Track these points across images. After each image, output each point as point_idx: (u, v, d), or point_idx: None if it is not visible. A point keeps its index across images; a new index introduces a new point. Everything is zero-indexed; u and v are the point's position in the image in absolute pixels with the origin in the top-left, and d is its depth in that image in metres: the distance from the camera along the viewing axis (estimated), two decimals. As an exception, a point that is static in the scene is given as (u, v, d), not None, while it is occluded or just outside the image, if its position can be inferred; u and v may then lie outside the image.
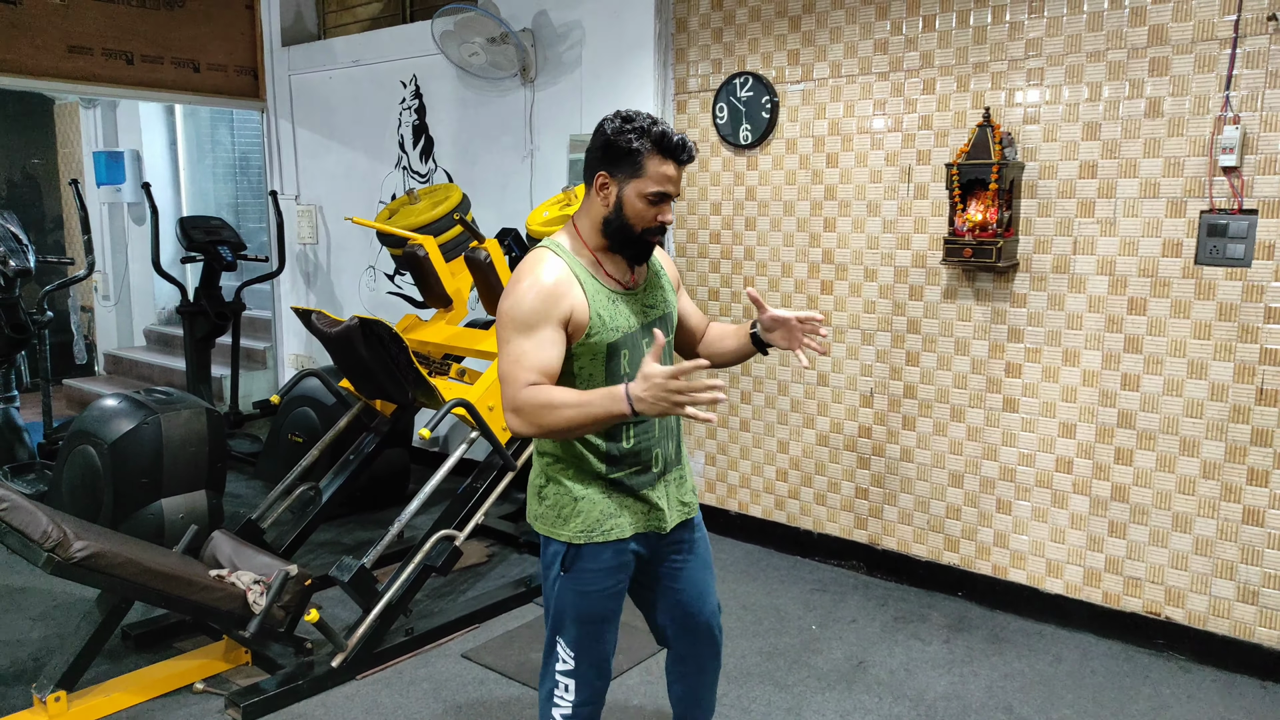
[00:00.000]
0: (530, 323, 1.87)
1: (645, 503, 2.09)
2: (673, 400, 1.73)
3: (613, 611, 2.13)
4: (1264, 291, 3.06)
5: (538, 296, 1.88)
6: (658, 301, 2.08)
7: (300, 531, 3.73)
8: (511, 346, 1.88)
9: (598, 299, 1.95)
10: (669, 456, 2.13)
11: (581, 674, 2.13)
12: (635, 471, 2.06)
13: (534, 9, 4.71)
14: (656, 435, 2.07)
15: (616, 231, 1.96)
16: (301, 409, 4.87)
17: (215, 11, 5.99)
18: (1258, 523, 3.15)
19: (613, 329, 1.95)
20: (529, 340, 1.87)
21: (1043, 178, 3.44)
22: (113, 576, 2.72)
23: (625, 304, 2.00)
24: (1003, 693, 3.11)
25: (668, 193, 1.94)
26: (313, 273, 6.24)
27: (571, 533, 2.05)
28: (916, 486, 3.88)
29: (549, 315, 1.87)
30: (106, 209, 7.74)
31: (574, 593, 2.08)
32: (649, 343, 2.04)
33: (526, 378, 1.85)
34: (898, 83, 3.73)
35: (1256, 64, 3.00)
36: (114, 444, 3.72)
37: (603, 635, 2.14)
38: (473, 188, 4.97)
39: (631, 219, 1.94)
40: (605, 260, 2.01)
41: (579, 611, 2.09)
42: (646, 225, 1.95)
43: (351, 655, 3.14)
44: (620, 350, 1.97)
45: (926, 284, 3.75)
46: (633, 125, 1.91)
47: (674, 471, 2.16)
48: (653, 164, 1.91)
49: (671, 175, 1.93)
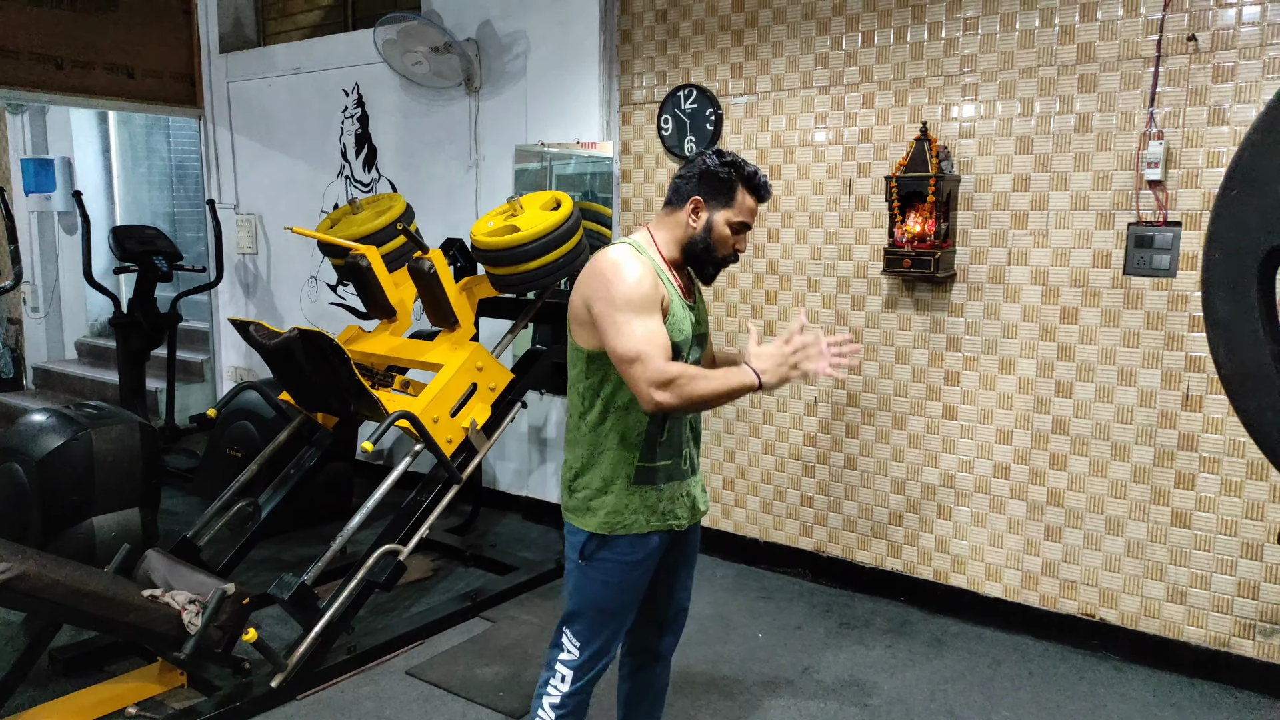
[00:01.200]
0: (644, 305, 2.01)
1: (669, 499, 2.18)
2: (791, 363, 1.97)
3: (626, 606, 2.21)
4: (1188, 301, 3.17)
5: (648, 283, 2.03)
6: (703, 319, 2.28)
7: (238, 549, 3.65)
8: (634, 327, 1.98)
9: (674, 300, 2.13)
10: (693, 459, 2.27)
11: (582, 667, 2.20)
12: (669, 466, 2.17)
13: (478, 19, 4.70)
14: (688, 435, 2.22)
15: (701, 251, 2.15)
16: (240, 423, 4.76)
17: (150, 17, 5.85)
18: (1185, 525, 3.25)
19: (679, 331, 2.11)
20: (649, 320, 2.00)
21: (978, 190, 3.53)
22: (39, 599, 2.62)
23: (689, 313, 2.18)
24: (945, 696, 3.16)
25: (749, 224, 2.17)
26: (252, 283, 6.12)
27: (596, 523, 2.14)
28: (860, 494, 3.93)
29: (655, 300, 2.03)
30: (36, 218, 7.50)
31: (593, 582, 2.17)
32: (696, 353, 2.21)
33: (660, 354, 1.97)
34: (838, 96, 3.80)
35: (1178, 82, 3.12)
36: (41, 461, 3.59)
37: (614, 628, 2.21)
38: (417, 198, 4.92)
39: (716, 242, 2.15)
40: (674, 271, 2.18)
41: (595, 601, 2.18)
42: (726, 250, 2.16)
43: (292, 675, 3.07)
44: (681, 353, 2.12)
45: (868, 294, 3.82)
46: (729, 162, 2.14)
47: (695, 475, 2.29)
48: (742, 197, 2.14)
49: (754, 209, 2.17)
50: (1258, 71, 2.99)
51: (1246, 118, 3.02)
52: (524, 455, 4.94)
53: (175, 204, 7.99)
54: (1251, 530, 3.14)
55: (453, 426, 3.43)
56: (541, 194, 3.79)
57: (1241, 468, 3.13)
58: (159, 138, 7.88)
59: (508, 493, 5.02)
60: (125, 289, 6.71)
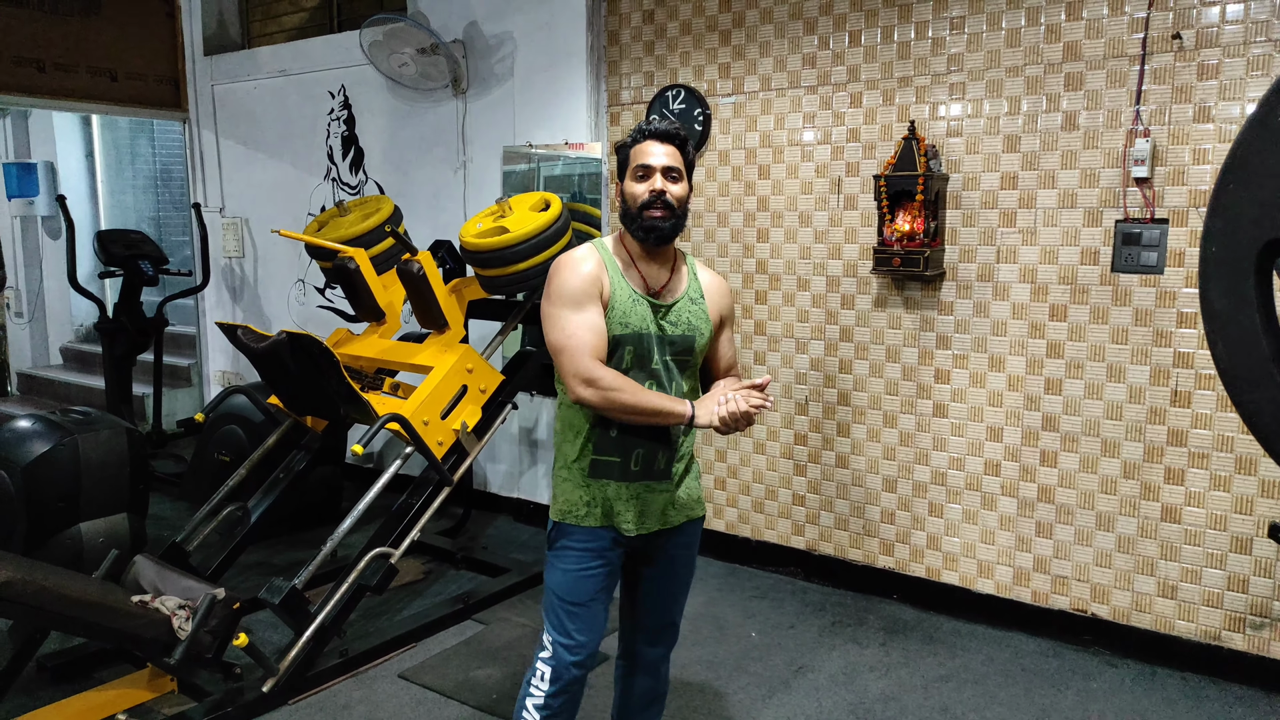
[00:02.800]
0: (576, 299, 2.06)
1: (615, 497, 2.16)
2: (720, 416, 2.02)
3: (589, 597, 2.18)
4: (1175, 297, 3.19)
5: (583, 277, 2.08)
6: (680, 322, 2.17)
7: (228, 553, 3.62)
8: (565, 320, 2.07)
9: (619, 293, 2.11)
10: (657, 466, 2.17)
11: (556, 660, 2.18)
12: (612, 463, 2.14)
13: (465, 20, 4.68)
14: (644, 437, 2.15)
15: (626, 220, 2.14)
16: (228, 427, 4.73)
17: (134, 20, 5.81)
18: (1175, 520, 3.27)
19: (622, 324, 2.09)
20: (581, 314, 2.06)
21: (966, 189, 3.54)
22: (26, 606, 2.59)
23: (644, 308, 2.13)
24: (939, 693, 3.16)
25: (648, 164, 2.10)
26: (239, 287, 6.08)
27: (556, 510, 2.20)
28: (851, 492, 3.94)
29: (591, 293, 2.07)
30: (19, 223, 7.44)
31: (555, 570, 2.20)
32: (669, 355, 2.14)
33: (588, 351, 2.04)
34: (826, 96, 3.80)
35: (1164, 80, 3.14)
36: (27, 467, 3.56)
37: (580, 623, 2.18)
38: (405, 200, 4.90)
39: (629, 200, 2.13)
40: (641, 264, 2.16)
41: (560, 589, 2.19)
42: (640, 201, 2.10)
43: (283, 679, 3.05)
44: (624, 345, 2.10)
45: (858, 293, 3.82)
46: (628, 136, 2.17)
47: (659, 483, 2.19)
48: (634, 151, 2.14)
49: (651, 150, 2.11)
50: (1242, 69, 3.01)
51: (1232, 115, 3.04)
52: (515, 457, 4.93)
53: (160, 208, 7.94)
54: (1241, 524, 3.16)
55: (443, 429, 3.41)
56: (530, 195, 3.78)
57: (1230, 462, 3.15)
58: (143, 141, 7.83)
59: (499, 494, 5.01)
60: (111, 294, 6.67)
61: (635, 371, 2.12)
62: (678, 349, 2.17)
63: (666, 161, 2.11)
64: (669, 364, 2.16)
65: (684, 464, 2.25)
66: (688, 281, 2.23)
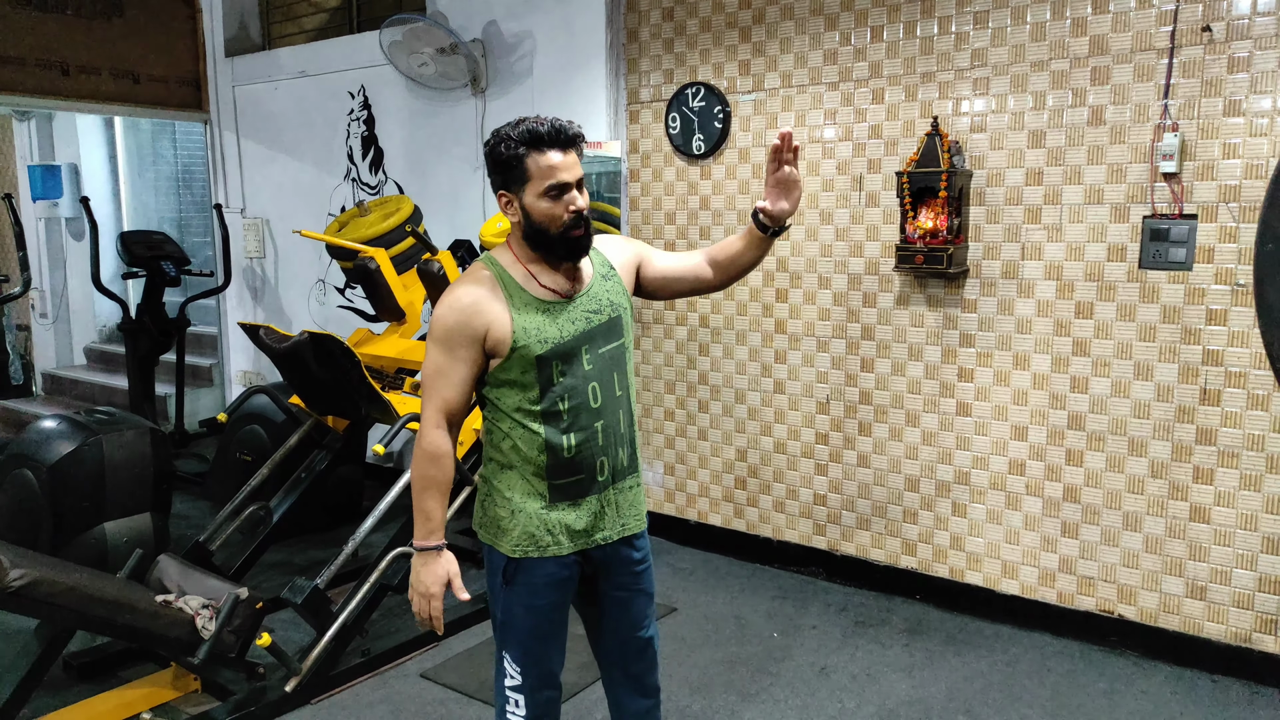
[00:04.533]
0: (447, 341, 1.96)
1: (586, 513, 2.05)
2: (417, 601, 2.06)
3: (557, 625, 2.12)
4: (1205, 294, 3.14)
5: (456, 314, 1.95)
6: (603, 306, 2.04)
7: (250, 553, 3.64)
8: (431, 359, 1.99)
9: (525, 312, 1.96)
10: (619, 464, 2.08)
11: (529, 688, 2.11)
12: (579, 481, 2.04)
13: (484, 19, 4.68)
14: (601, 443, 2.03)
15: (538, 239, 1.96)
16: (250, 427, 4.75)
17: (156, 22, 5.85)
18: (1204, 520, 3.22)
19: (541, 341, 1.96)
20: (446, 357, 1.96)
21: (990, 185, 3.50)
22: (52, 605, 2.62)
23: (562, 314, 1.99)
24: (963, 695, 3.13)
25: (562, 182, 1.92)
26: (260, 287, 6.11)
27: (510, 546, 2.05)
28: (873, 491, 3.91)
29: (462, 333, 1.94)
30: (43, 224, 7.51)
31: (517, 606, 2.08)
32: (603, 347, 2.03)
33: (437, 404, 1.98)
34: (847, 92, 3.77)
35: (1192, 73, 3.09)
36: (53, 467, 3.59)
37: (548, 649, 2.12)
38: (424, 199, 4.91)
39: (543, 222, 1.94)
40: (541, 271, 2.00)
41: (523, 625, 2.08)
42: (560, 223, 1.94)
43: (306, 679, 3.06)
44: (551, 362, 1.97)
45: (879, 291, 3.79)
46: (502, 135, 1.94)
47: (626, 479, 2.11)
48: (533, 162, 1.92)
49: (557, 163, 1.92)
50: (1274, 62, 2.95)
51: (1262, 109, 2.98)
52: (534, 456, 4.92)
53: (182, 209, 7.99)
54: (1272, 525, 3.11)
55: (464, 428, 3.41)
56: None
57: (1261, 461, 3.10)
58: (165, 142, 7.88)
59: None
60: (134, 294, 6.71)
61: (570, 381, 1.98)
62: (609, 337, 2.03)
63: (578, 172, 1.96)
64: (604, 358, 2.02)
65: (636, 447, 2.13)
66: (593, 261, 2.08)
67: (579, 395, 1.99)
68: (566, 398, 1.99)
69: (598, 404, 2.02)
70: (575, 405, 1.99)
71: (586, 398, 2.00)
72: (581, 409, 2.00)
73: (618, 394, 2.06)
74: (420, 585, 2.05)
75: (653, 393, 4.49)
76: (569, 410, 1.99)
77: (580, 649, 2.44)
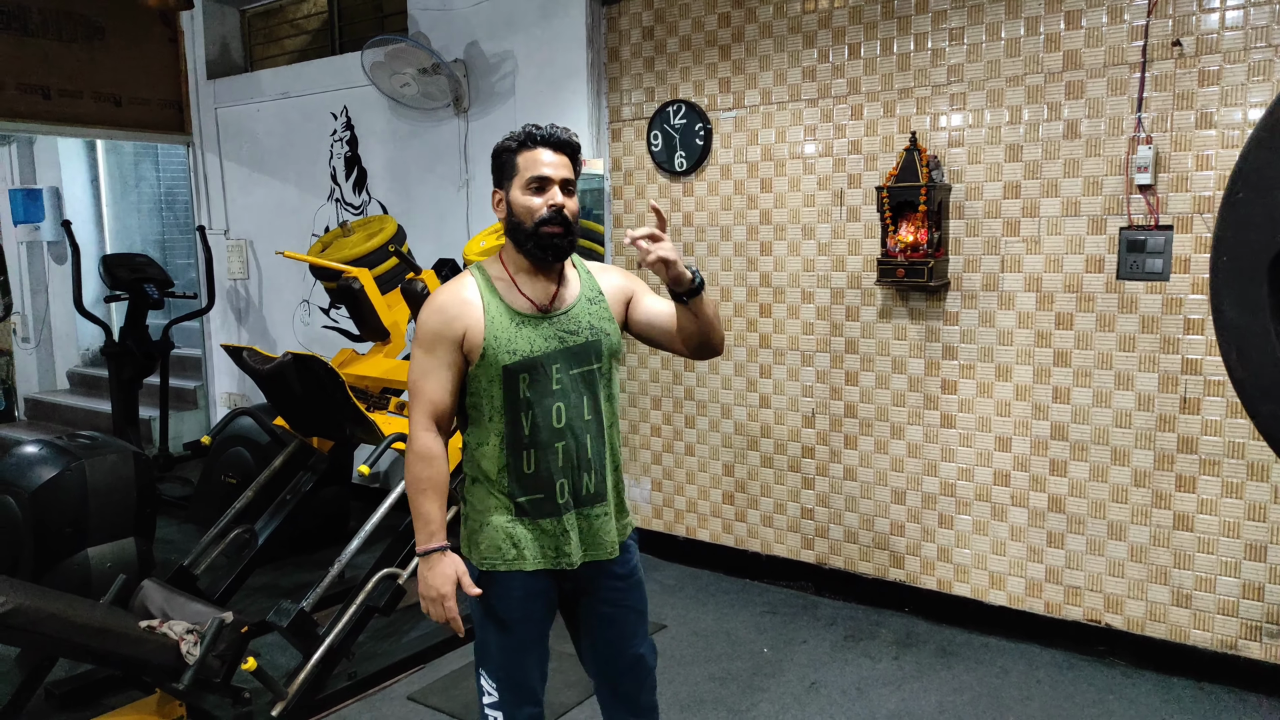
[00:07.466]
0: (430, 344, 2.00)
1: (548, 535, 2.03)
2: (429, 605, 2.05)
3: (531, 639, 2.08)
4: (1182, 304, 3.18)
5: (437, 317, 2.00)
6: (581, 329, 2.02)
7: (235, 576, 3.61)
8: (416, 362, 2.03)
9: (498, 321, 1.98)
10: (585, 491, 2.04)
11: (507, 704, 2.08)
12: (538, 500, 2.02)
13: (466, 40, 4.70)
14: (561, 464, 2.01)
15: (515, 233, 2.00)
16: (235, 449, 4.73)
17: (137, 45, 5.85)
18: (1188, 528, 3.24)
19: (509, 351, 1.96)
20: (430, 360, 2.00)
21: (969, 198, 3.53)
22: (34, 633, 2.58)
23: (535, 328, 1.99)
24: (953, 707, 3.13)
25: (544, 176, 1.97)
26: (244, 309, 6.09)
27: (479, 557, 2.06)
28: (861, 505, 3.92)
29: (443, 336, 1.98)
30: (25, 248, 7.47)
31: (489, 619, 2.07)
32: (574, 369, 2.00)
33: (425, 407, 2.02)
34: (826, 109, 3.81)
35: (1165, 87, 3.13)
36: (35, 492, 3.56)
37: (524, 664, 2.08)
38: (408, 219, 4.91)
39: (521, 215, 1.98)
40: (525, 281, 2.02)
41: (495, 639, 2.07)
42: (537, 216, 1.96)
43: (292, 703, 3.03)
44: (518, 374, 1.97)
45: (862, 304, 3.81)
46: (505, 139, 2.03)
47: (594, 507, 2.06)
48: (522, 158, 1.99)
49: (544, 160, 1.97)
50: (1243, 75, 3.00)
51: (1233, 120, 3.03)
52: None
53: (165, 231, 7.97)
54: (1254, 532, 3.14)
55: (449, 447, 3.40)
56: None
57: (1242, 469, 3.13)
58: (148, 165, 7.87)
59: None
60: (116, 317, 6.68)
61: (534, 396, 1.97)
62: (582, 360, 2.01)
63: (564, 174, 1.98)
64: (575, 380, 2.00)
65: (614, 477, 2.10)
66: (581, 284, 2.07)
67: (543, 413, 1.99)
68: (530, 413, 1.99)
69: (560, 424, 1.99)
70: (536, 422, 1.99)
71: (550, 416, 1.99)
72: (543, 427, 1.99)
73: (587, 418, 2.03)
74: (429, 590, 2.03)
75: (639, 408, 4.50)
76: (530, 426, 1.99)
77: (568, 667, 2.43)
